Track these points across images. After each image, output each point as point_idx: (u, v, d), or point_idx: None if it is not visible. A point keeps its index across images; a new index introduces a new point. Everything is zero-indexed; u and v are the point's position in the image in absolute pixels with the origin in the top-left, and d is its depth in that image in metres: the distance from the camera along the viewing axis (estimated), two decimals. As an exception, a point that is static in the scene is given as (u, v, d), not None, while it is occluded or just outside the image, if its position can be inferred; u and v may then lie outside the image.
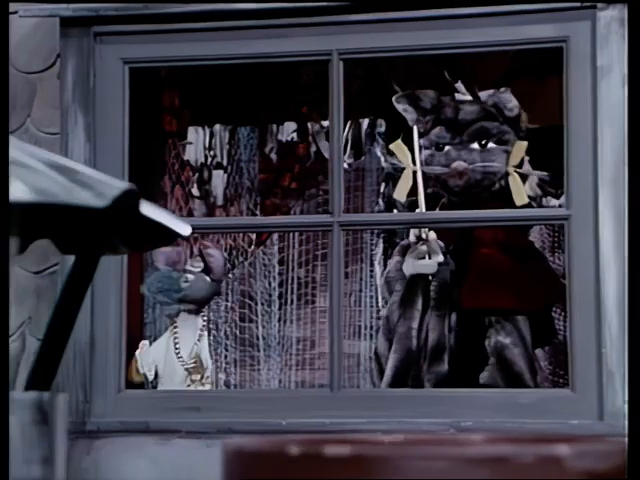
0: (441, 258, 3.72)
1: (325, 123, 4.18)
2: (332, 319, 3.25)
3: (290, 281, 4.86)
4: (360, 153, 4.17)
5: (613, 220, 3.11)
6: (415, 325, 3.67)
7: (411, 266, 3.77)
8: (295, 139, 4.19)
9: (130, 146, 3.41)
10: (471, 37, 3.32)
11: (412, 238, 3.79)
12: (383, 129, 4.12)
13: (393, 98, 3.80)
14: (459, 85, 3.79)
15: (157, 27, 3.43)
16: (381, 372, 3.70)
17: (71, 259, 3.32)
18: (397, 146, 3.82)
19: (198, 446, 3.19)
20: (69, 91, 3.45)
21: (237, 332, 4.75)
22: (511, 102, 3.80)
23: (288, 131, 4.24)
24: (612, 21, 3.22)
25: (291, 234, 4.35)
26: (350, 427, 3.16)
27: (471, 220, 3.46)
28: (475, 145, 3.79)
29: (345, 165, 4.23)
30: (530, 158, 3.82)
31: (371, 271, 5.00)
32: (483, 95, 3.89)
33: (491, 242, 3.73)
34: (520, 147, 3.77)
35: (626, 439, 1.86)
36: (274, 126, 4.25)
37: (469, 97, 3.82)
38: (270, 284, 4.96)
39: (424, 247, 3.73)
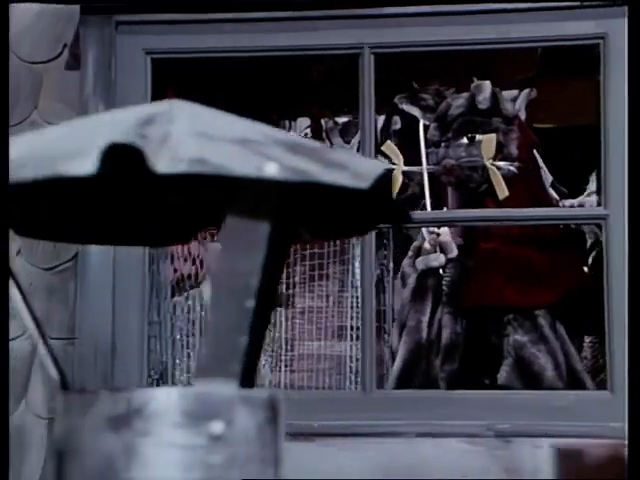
0: (454, 254, 3.72)
1: (339, 120, 4.14)
2: (364, 320, 3.20)
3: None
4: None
5: (651, 219, 3.10)
6: (425, 319, 3.67)
7: (421, 260, 3.79)
8: (309, 135, 4.15)
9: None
10: (506, 33, 3.29)
11: (425, 234, 3.79)
12: (399, 126, 4.08)
13: (396, 98, 3.81)
14: (481, 84, 3.77)
15: (180, 17, 3.36)
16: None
17: (89, 252, 3.28)
18: (388, 147, 3.85)
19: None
20: (90, 82, 3.36)
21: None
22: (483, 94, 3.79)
23: (301, 127, 4.19)
24: (650, 19, 3.21)
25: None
26: (384, 429, 3.11)
27: (506, 219, 3.43)
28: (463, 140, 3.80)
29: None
30: (545, 158, 3.82)
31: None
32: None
33: (507, 236, 3.73)
34: (489, 140, 3.76)
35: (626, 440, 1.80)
36: (287, 122, 4.20)
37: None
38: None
39: (434, 241, 3.74)
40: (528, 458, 3.05)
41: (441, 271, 3.78)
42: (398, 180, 3.74)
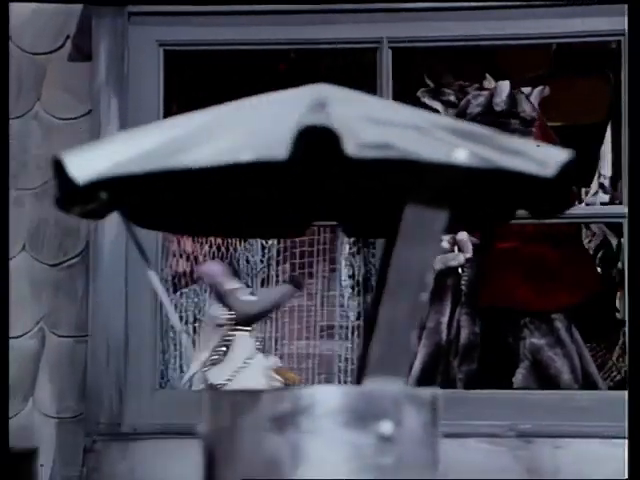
0: (470, 254, 3.69)
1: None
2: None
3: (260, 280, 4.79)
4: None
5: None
6: (444, 320, 3.63)
7: (439, 259, 3.74)
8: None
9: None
10: (525, 29, 3.27)
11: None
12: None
13: (418, 92, 3.75)
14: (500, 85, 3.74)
15: (194, 9, 3.30)
16: (409, 368, 3.65)
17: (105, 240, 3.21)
18: None
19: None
20: (102, 73, 3.29)
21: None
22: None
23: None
24: (670, 17, 3.21)
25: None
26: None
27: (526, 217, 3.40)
28: None
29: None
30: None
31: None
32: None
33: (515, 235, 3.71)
34: None
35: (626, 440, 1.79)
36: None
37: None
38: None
39: (452, 240, 3.71)
40: (548, 458, 3.03)
41: (459, 270, 3.75)
42: None
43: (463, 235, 3.73)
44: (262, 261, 4.93)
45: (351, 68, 3.91)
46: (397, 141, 1.54)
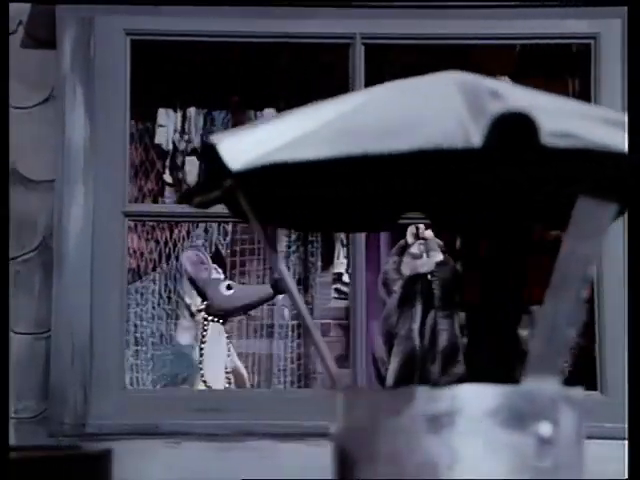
0: (440, 257, 3.67)
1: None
2: (355, 321, 3.13)
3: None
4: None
5: (645, 221, 3.12)
6: (416, 326, 3.60)
7: (408, 266, 3.71)
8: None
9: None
10: (498, 29, 3.27)
11: (409, 238, 3.72)
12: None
13: None
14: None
15: (163, -2, 3.22)
16: (379, 377, 3.62)
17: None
18: None
19: (214, 449, 3.00)
20: (67, 61, 3.18)
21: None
22: None
23: (268, 118, 4.06)
24: (643, 21, 3.25)
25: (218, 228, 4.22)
26: (377, 430, 3.04)
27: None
28: None
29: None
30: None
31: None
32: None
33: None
34: None
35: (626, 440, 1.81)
36: (252, 112, 4.07)
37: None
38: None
39: (421, 246, 3.67)
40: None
41: (429, 276, 3.73)
42: None
43: (433, 240, 3.72)
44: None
45: (324, 63, 3.87)
46: (576, 130, 1.50)
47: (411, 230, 3.75)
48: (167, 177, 4.04)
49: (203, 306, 3.71)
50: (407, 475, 1.55)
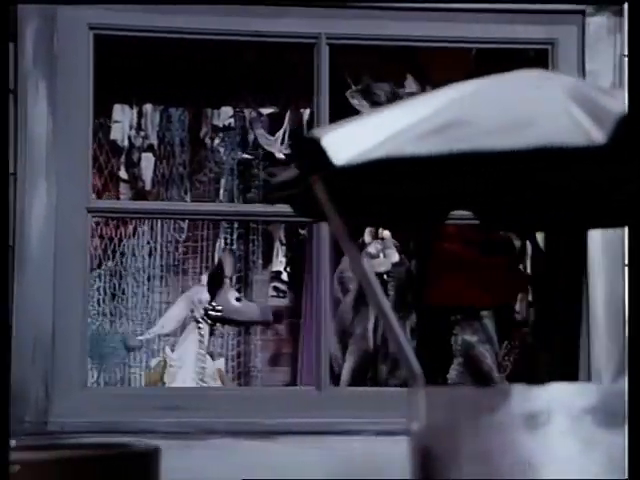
0: (396, 257, 3.70)
1: (263, 110, 4.04)
2: (319, 319, 3.13)
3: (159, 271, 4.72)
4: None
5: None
6: (371, 326, 3.64)
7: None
8: (232, 125, 4.03)
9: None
10: (459, 32, 3.32)
11: (367, 237, 3.75)
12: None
13: (347, 93, 3.74)
14: (409, 81, 3.79)
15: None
16: (332, 374, 3.63)
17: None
18: None
19: (176, 447, 2.99)
20: (29, 55, 3.13)
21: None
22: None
23: (225, 116, 4.06)
24: (601, 28, 3.32)
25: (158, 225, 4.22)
26: (338, 427, 3.06)
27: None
28: None
29: (282, 155, 4.13)
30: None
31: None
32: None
33: (454, 236, 3.75)
34: None
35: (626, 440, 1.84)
36: (209, 110, 4.06)
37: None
38: (138, 277, 4.78)
39: (378, 245, 3.70)
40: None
41: (385, 276, 3.76)
42: None
43: (389, 240, 3.75)
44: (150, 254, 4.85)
45: (290, 62, 3.88)
46: None
47: (369, 230, 3.78)
48: (122, 173, 4.01)
49: (210, 307, 3.71)
50: (500, 474, 1.55)
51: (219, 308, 3.76)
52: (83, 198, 3.10)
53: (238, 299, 3.78)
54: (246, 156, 4.41)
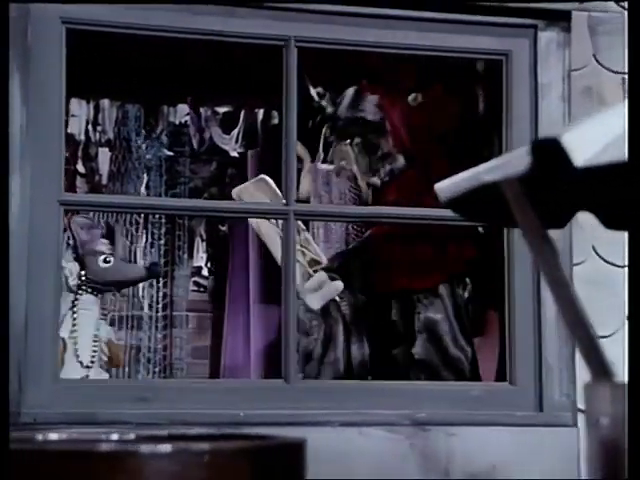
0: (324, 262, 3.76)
1: (219, 109, 4.07)
2: (287, 312, 3.19)
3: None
4: (254, 142, 4.10)
5: (552, 225, 3.34)
6: (340, 354, 3.72)
7: (318, 299, 3.77)
8: (187, 122, 4.04)
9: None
10: (419, 40, 3.42)
11: (307, 272, 3.78)
12: (277, 121, 4.07)
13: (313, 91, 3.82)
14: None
15: (100, -12, 3.18)
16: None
17: None
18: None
19: (149, 439, 3.00)
20: (3, 47, 3.09)
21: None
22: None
23: (181, 114, 4.07)
24: (551, 42, 3.48)
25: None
26: (308, 419, 3.13)
27: (420, 218, 3.55)
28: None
29: (235, 153, 4.17)
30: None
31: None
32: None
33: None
34: None
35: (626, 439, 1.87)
36: (165, 107, 4.06)
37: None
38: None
39: (316, 278, 3.75)
40: (442, 445, 3.20)
41: (337, 298, 3.83)
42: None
43: (321, 255, 3.80)
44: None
45: (258, 64, 3.91)
46: None
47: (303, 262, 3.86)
48: (80, 167, 3.99)
49: (79, 275, 3.69)
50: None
51: (83, 273, 3.75)
52: (56, 191, 3.08)
53: (106, 260, 3.77)
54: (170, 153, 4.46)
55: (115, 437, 1.69)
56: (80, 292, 3.68)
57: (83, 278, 3.66)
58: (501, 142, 3.48)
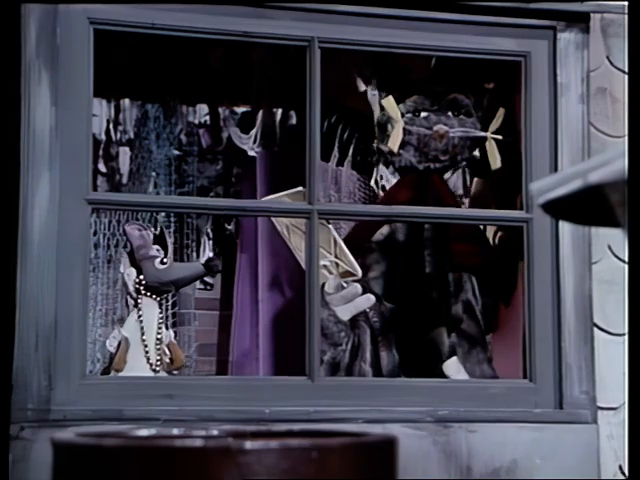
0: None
1: (237, 109, 4.09)
2: (311, 310, 3.21)
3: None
4: (272, 142, 4.12)
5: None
6: (367, 363, 3.73)
7: (348, 310, 3.75)
8: (207, 122, 4.05)
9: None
10: (439, 41, 3.44)
11: (341, 284, 3.77)
12: (294, 121, 4.09)
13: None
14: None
15: (127, -11, 3.20)
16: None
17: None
18: (388, 102, 3.90)
19: (177, 435, 3.02)
20: (32, 45, 3.10)
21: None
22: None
23: (200, 114, 4.08)
24: (570, 44, 3.51)
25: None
26: (332, 416, 3.15)
27: (442, 217, 3.57)
28: (450, 114, 3.94)
29: (254, 153, 4.18)
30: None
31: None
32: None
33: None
34: (500, 113, 3.96)
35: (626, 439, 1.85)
36: (184, 107, 4.07)
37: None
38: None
39: (350, 289, 3.74)
40: (463, 442, 3.23)
41: (367, 309, 3.83)
42: (399, 134, 3.82)
43: (356, 268, 3.79)
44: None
45: (277, 64, 3.93)
46: None
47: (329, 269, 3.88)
48: (101, 166, 4.00)
49: (137, 280, 3.72)
50: None
51: (141, 277, 3.78)
52: (84, 190, 3.10)
53: (162, 262, 3.80)
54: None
55: (202, 433, 1.70)
56: (140, 296, 3.72)
57: (143, 282, 3.70)
58: (519, 145, 3.51)
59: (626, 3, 3.43)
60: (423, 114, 3.90)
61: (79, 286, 3.05)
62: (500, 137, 3.92)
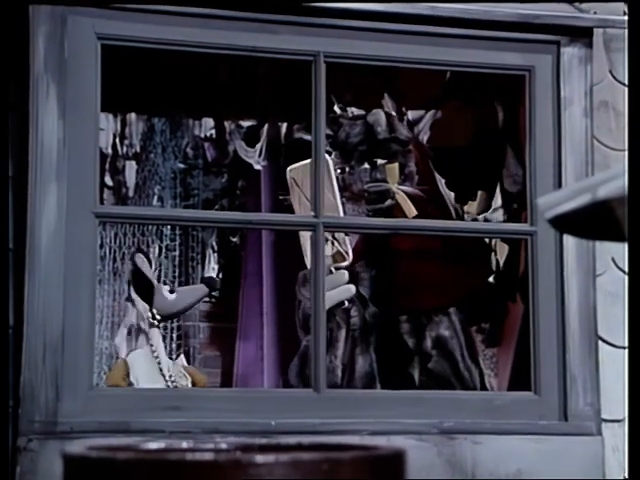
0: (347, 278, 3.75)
1: (243, 123, 4.09)
2: (317, 322, 3.20)
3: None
4: (278, 156, 4.12)
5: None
6: (339, 362, 3.71)
7: (329, 297, 3.73)
8: (213, 136, 4.06)
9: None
10: (444, 56, 3.44)
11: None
12: (299, 135, 4.09)
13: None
14: (387, 101, 3.90)
15: (135, 6, 3.20)
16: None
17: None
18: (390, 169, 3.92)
19: (183, 447, 3.00)
20: (40, 58, 3.11)
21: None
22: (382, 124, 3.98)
23: (206, 127, 4.08)
24: (573, 58, 3.51)
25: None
26: (337, 427, 3.14)
27: (447, 230, 3.57)
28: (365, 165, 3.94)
29: (259, 166, 4.19)
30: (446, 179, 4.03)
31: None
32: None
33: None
34: (393, 167, 3.95)
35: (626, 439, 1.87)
36: (190, 121, 4.07)
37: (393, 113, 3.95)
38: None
39: (336, 276, 3.73)
40: (468, 453, 3.21)
41: (346, 302, 3.82)
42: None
43: (349, 251, 3.79)
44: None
45: (282, 79, 3.93)
46: None
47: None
48: (107, 180, 4.00)
49: (151, 314, 3.72)
50: None
51: (154, 311, 3.78)
52: (90, 203, 3.09)
53: (171, 291, 3.79)
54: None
55: (211, 446, 1.69)
56: (152, 328, 3.71)
57: (157, 316, 3.69)
58: (522, 157, 3.51)
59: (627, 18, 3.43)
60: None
61: (86, 298, 3.04)
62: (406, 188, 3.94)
